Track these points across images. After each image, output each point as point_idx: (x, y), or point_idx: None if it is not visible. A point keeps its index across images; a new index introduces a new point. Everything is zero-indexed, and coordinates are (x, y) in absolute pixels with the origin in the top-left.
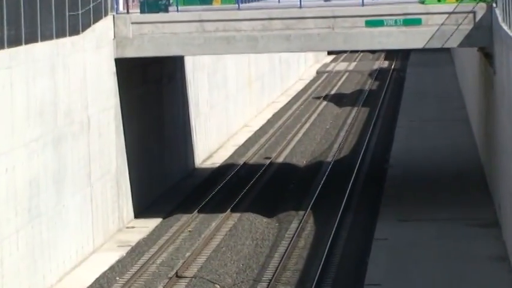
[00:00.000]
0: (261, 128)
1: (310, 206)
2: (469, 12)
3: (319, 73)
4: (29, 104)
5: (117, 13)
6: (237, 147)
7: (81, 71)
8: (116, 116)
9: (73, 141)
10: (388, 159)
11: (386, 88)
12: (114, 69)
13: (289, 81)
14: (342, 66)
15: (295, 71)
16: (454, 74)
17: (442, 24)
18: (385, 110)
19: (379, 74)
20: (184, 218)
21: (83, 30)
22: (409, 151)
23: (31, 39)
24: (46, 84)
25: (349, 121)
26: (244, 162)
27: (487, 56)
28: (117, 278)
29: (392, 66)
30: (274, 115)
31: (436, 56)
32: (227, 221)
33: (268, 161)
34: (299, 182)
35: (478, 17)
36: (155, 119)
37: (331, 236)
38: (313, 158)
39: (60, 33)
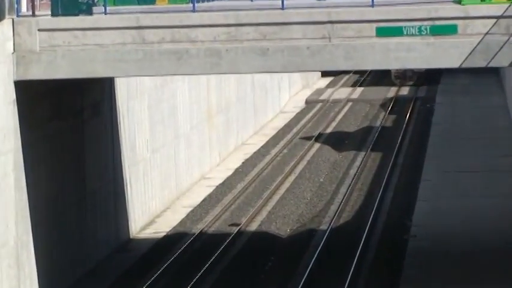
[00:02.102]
0: (225, 182)
1: None
2: None
3: (309, 103)
4: None
5: (18, 15)
6: (190, 208)
7: None
8: (15, 164)
9: None
10: (410, 227)
11: (407, 125)
12: (13, 96)
13: (266, 115)
14: (342, 93)
15: (275, 100)
16: (504, 105)
17: (487, 33)
18: (404, 156)
19: (395, 105)
20: None
21: None
22: (439, 215)
23: None
24: None
25: (352, 171)
26: (201, 231)
27: None
28: None
29: (415, 94)
30: (244, 163)
31: (478, 80)
32: None
33: (235, 230)
34: (280, 260)
35: None
36: (73, 168)
37: None
38: (300, 225)
39: None
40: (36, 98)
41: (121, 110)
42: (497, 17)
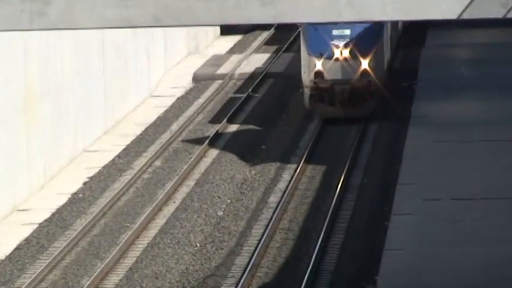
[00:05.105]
0: (55, 217)
1: None
2: None
3: (200, 80)
4: None
5: None
6: None
7: None
8: None
9: None
10: None
11: (367, 119)
12: None
13: (126, 101)
14: (256, 62)
15: (141, 75)
16: None
17: None
18: (364, 172)
19: None
20: None
21: None
22: (421, 273)
23: None
24: None
25: (273, 199)
26: None
27: None
28: None
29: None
30: (88, 184)
31: (495, 38)
32: None
33: None
34: None
35: None
36: None
37: None
38: None
39: None
40: None
41: None
42: None
